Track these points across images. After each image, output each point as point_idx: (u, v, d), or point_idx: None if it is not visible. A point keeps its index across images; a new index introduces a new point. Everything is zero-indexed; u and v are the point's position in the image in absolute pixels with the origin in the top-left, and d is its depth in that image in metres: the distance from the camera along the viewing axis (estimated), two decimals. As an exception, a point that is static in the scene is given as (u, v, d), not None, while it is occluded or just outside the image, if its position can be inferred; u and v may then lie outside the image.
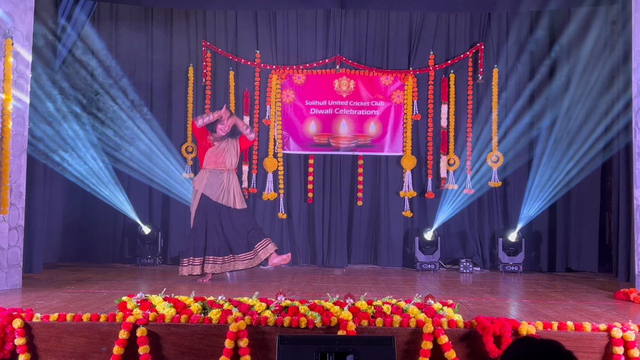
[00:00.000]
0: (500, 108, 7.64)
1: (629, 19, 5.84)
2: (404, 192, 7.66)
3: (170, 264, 7.55)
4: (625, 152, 6.04)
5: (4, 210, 5.20)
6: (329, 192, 7.74)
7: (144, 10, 7.72)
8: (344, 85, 7.72)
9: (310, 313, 3.59)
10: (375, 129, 7.68)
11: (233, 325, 3.40)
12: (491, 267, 7.56)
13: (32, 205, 5.82)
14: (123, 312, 3.62)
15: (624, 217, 6.02)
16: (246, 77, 7.79)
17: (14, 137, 5.34)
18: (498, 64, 7.67)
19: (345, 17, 7.72)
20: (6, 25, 5.29)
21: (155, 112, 7.72)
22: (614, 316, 4.17)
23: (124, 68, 7.57)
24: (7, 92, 5.23)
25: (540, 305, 4.67)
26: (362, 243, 7.75)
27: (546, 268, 7.45)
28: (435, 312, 3.65)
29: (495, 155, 7.61)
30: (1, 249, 5.24)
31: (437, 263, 7.25)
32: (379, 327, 3.50)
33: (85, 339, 3.50)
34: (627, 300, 4.97)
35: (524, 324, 3.47)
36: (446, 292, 5.43)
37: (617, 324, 3.51)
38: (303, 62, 7.78)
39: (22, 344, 3.47)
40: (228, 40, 7.80)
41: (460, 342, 3.46)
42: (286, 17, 7.76)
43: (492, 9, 7.54)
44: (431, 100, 7.70)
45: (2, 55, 5.24)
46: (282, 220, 7.69)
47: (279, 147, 7.71)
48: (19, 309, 3.67)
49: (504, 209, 7.66)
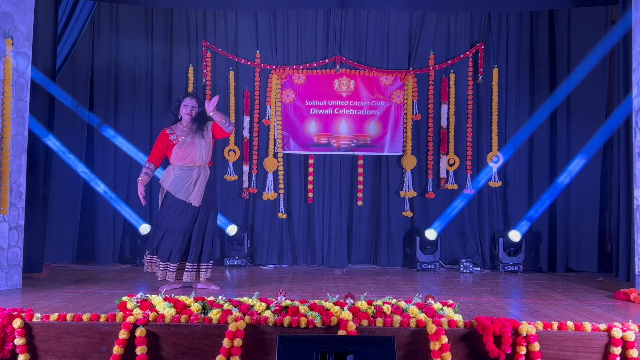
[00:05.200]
0: (500, 108, 7.64)
1: (629, 19, 5.84)
2: (404, 192, 7.67)
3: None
4: (625, 152, 6.04)
5: (4, 210, 5.20)
6: (329, 192, 7.74)
7: (144, 10, 7.72)
8: (344, 85, 7.72)
9: (310, 313, 3.59)
10: (375, 129, 7.68)
11: (232, 325, 3.40)
12: (491, 267, 7.56)
13: (32, 205, 5.81)
14: (123, 312, 3.62)
15: (624, 217, 6.02)
16: (246, 77, 7.79)
17: (14, 137, 5.34)
18: (498, 64, 7.67)
19: (345, 17, 7.72)
20: (6, 25, 5.30)
21: (155, 112, 7.72)
22: (614, 316, 4.17)
23: (124, 68, 7.58)
24: (7, 92, 5.23)
25: (540, 305, 4.67)
26: (362, 243, 7.75)
27: (546, 268, 7.45)
28: (436, 312, 3.65)
29: (495, 155, 7.61)
30: (1, 249, 5.24)
31: (437, 263, 7.25)
32: (379, 327, 3.50)
33: (85, 339, 3.49)
34: (627, 300, 4.97)
35: (524, 324, 3.47)
36: (446, 292, 5.43)
37: (617, 324, 3.51)
38: (303, 62, 7.78)
39: (22, 344, 3.47)
40: (228, 40, 7.80)
41: (460, 342, 3.46)
42: (286, 17, 7.76)
43: (492, 9, 7.56)
44: (431, 100, 7.70)
45: (2, 55, 5.24)
46: (282, 220, 7.69)
47: (279, 147, 7.71)
48: (19, 309, 3.67)
49: (504, 209, 7.66)
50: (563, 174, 7.33)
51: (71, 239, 7.49)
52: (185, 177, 5.25)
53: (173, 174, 5.27)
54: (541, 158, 7.56)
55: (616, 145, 6.37)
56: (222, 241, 7.49)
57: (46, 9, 6.09)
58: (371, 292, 5.08)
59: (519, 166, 7.61)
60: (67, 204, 7.48)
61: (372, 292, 5.09)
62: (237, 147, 7.71)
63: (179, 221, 5.20)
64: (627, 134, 5.99)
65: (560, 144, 7.50)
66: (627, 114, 5.93)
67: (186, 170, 5.26)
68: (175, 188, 5.23)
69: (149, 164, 5.39)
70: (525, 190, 7.59)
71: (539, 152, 7.57)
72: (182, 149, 5.27)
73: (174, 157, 5.29)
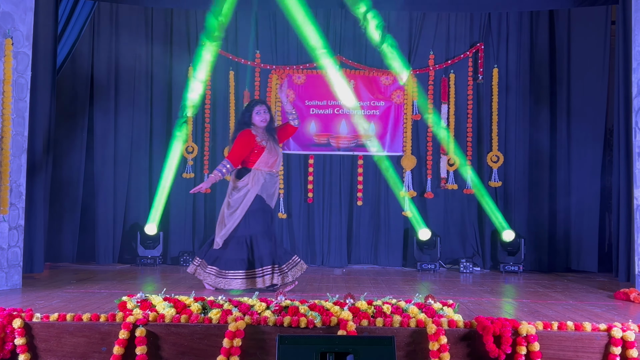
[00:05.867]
0: (500, 108, 7.64)
1: (629, 19, 5.84)
2: (404, 192, 7.67)
3: (170, 264, 7.55)
4: (625, 152, 6.04)
5: (4, 210, 5.21)
6: (329, 192, 7.74)
7: (144, 10, 7.71)
8: (344, 85, 7.72)
9: (310, 313, 3.59)
10: (375, 129, 7.68)
11: (232, 324, 3.40)
12: (491, 267, 7.56)
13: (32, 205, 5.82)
14: (123, 312, 3.62)
15: (624, 217, 6.01)
16: (246, 77, 7.79)
17: (14, 137, 5.34)
18: (498, 64, 7.67)
19: (345, 17, 7.72)
20: (6, 25, 5.30)
21: (155, 112, 7.73)
22: (614, 316, 4.17)
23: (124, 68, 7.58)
24: (7, 92, 5.23)
25: (540, 305, 4.67)
26: (362, 243, 7.75)
27: (546, 268, 7.44)
28: (435, 312, 3.66)
29: (495, 155, 7.61)
30: (1, 249, 5.24)
31: (437, 263, 7.25)
32: (379, 327, 3.51)
33: (85, 339, 3.50)
34: (627, 300, 4.97)
35: (524, 324, 3.47)
36: (446, 292, 5.43)
37: (617, 324, 3.52)
38: (303, 62, 7.78)
39: (22, 344, 3.47)
40: (228, 40, 7.79)
41: (460, 342, 3.46)
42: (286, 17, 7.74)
43: (492, 9, 7.56)
44: (431, 100, 7.70)
45: (2, 55, 5.24)
46: (282, 220, 7.69)
47: (279, 147, 7.70)
48: (19, 309, 3.67)
49: (504, 209, 7.66)
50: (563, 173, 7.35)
51: (71, 239, 7.49)
52: (273, 182, 5.30)
53: (262, 179, 5.22)
54: (541, 158, 7.56)
55: (616, 145, 6.37)
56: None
57: (46, 9, 6.09)
58: (371, 292, 5.08)
59: (519, 166, 7.60)
60: (67, 204, 7.48)
61: (372, 292, 5.09)
62: (237, 147, 7.71)
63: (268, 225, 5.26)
64: (627, 134, 5.99)
65: (560, 143, 7.50)
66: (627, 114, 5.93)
67: (273, 176, 5.31)
68: (267, 194, 5.24)
69: (229, 164, 5.18)
70: (526, 190, 7.59)
71: (539, 152, 7.57)
72: (270, 155, 5.26)
73: (261, 162, 5.23)
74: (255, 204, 5.19)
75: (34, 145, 5.86)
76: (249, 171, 5.25)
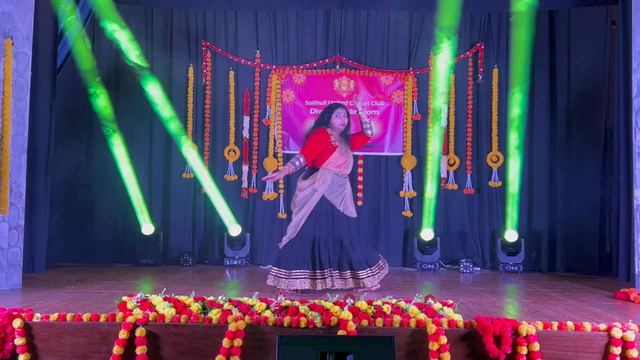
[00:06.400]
0: (501, 108, 7.64)
1: (629, 19, 5.84)
2: (404, 192, 7.66)
3: (170, 264, 7.55)
4: (625, 152, 6.04)
5: (4, 210, 5.21)
6: (329, 192, 7.73)
7: (144, 10, 7.71)
8: (344, 85, 7.72)
9: (310, 313, 3.59)
10: (375, 129, 7.68)
11: (232, 325, 3.40)
12: (491, 267, 7.56)
13: (32, 205, 5.82)
14: (123, 312, 3.62)
15: (624, 217, 6.01)
16: (246, 77, 7.79)
17: (14, 137, 5.34)
18: (498, 64, 7.67)
19: (345, 17, 7.72)
20: (6, 25, 5.30)
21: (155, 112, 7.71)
22: (614, 316, 4.17)
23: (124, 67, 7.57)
24: (7, 92, 5.23)
25: (540, 305, 4.67)
26: (362, 243, 7.74)
27: (546, 268, 7.45)
28: (435, 312, 3.65)
29: (495, 155, 7.61)
30: (1, 249, 5.24)
31: (437, 263, 7.25)
32: (379, 327, 3.51)
33: (85, 339, 3.50)
34: (627, 300, 4.97)
35: (524, 324, 3.47)
36: (446, 292, 5.43)
37: (617, 324, 3.51)
38: (303, 62, 7.78)
39: (22, 344, 3.47)
40: (228, 40, 7.80)
41: (460, 342, 3.46)
42: (286, 17, 7.76)
43: (492, 9, 7.55)
44: (431, 100, 7.70)
45: (2, 55, 5.24)
46: (282, 220, 7.68)
47: (279, 147, 7.71)
48: (19, 309, 3.67)
49: (504, 209, 7.65)
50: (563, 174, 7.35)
51: (71, 239, 7.49)
52: (341, 183, 5.23)
53: (330, 179, 5.18)
54: (541, 158, 7.55)
55: (616, 145, 6.37)
56: (221, 241, 7.49)
57: (46, 9, 6.09)
58: (371, 292, 5.07)
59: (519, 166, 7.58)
60: (67, 204, 7.48)
61: (372, 292, 5.09)
62: (237, 147, 7.72)
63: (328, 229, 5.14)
64: (627, 134, 5.99)
65: (560, 144, 7.50)
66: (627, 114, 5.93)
67: (341, 177, 5.26)
68: (331, 194, 5.16)
69: (302, 158, 5.16)
70: (526, 190, 7.58)
71: (539, 152, 7.56)
72: (341, 155, 5.23)
73: (331, 162, 5.20)
74: (323, 205, 5.14)
75: (34, 145, 5.86)
76: (317, 170, 5.22)
